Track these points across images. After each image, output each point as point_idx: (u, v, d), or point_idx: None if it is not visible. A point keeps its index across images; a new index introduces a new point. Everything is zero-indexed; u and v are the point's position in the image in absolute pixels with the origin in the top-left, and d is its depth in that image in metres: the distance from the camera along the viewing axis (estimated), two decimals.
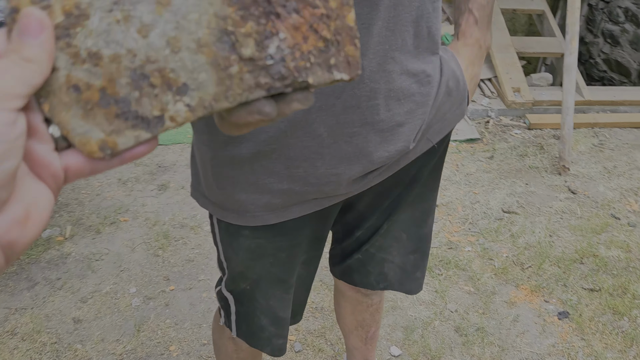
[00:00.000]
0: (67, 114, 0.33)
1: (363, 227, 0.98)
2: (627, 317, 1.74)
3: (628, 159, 2.66)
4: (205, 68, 0.33)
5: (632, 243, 2.07)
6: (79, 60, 0.33)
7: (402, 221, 0.97)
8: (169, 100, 0.33)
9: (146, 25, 0.33)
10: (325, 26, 0.34)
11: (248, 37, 0.33)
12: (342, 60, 0.35)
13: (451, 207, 2.35)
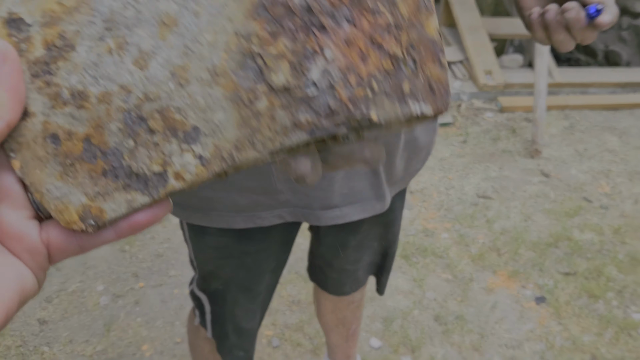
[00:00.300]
0: (42, 172, 0.26)
1: (333, 242, 0.95)
2: (602, 299, 1.75)
3: (598, 141, 2.68)
4: (222, 105, 0.26)
5: (604, 226, 2.09)
6: (59, 103, 0.26)
7: (374, 235, 0.95)
8: (173, 151, 0.26)
9: (145, 54, 0.26)
10: (394, 39, 0.25)
11: (280, 59, 0.25)
12: (421, 85, 0.25)
13: (426, 193, 2.33)
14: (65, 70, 0.26)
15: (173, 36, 0.26)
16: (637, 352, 1.56)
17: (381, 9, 0.25)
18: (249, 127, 0.26)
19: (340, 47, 0.25)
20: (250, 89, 0.25)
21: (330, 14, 0.25)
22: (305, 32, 0.25)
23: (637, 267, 1.87)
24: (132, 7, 0.26)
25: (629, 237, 2.02)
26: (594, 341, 1.61)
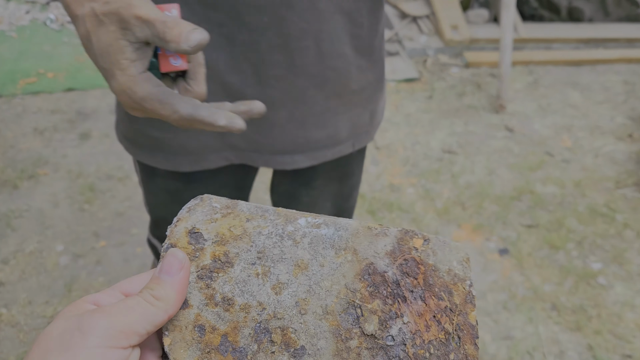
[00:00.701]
0: (185, 352, 0.33)
1: (285, 192, 0.92)
2: (563, 250, 1.79)
3: (561, 96, 2.70)
4: (326, 335, 0.33)
5: (566, 179, 2.12)
6: (212, 303, 0.34)
7: (328, 194, 0.93)
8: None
9: (281, 284, 0.34)
10: (448, 319, 0.34)
11: (373, 314, 0.34)
12: (461, 357, 0.34)
13: (392, 149, 2.32)
14: (222, 280, 0.34)
15: (303, 276, 0.35)
16: (595, 300, 1.62)
17: (443, 295, 0.34)
18: (341, 357, 0.33)
19: (414, 316, 0.34)
20: (348, 330, 0.34)
21: (410, 290, 0.34)
22: (392, 299, 0.34)
23: (596, 218, 1.92)
24: (279, 248, 0.35)
25: (589, 190, 2.06)
26: (554, 290, 1.65)
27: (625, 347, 1.48)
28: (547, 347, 1.49)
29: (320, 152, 0.79)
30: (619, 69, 2.96)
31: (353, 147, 0.83)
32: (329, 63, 0.69)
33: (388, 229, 0.37)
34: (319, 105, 0.74)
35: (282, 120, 0.73)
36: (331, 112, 0.76)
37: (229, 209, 0.36)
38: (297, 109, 0.73)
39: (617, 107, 2.60)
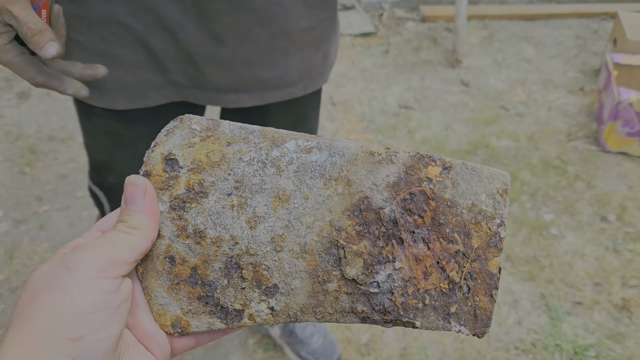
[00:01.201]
0: (155, 282, 0.33)
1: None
2: (517, 202, 1.81)
3: (516, 50, 2.70)
4: (302, 275, 0.31)
5: (520, 132, 2.14)
6: (183, 234, 0.32)
7: None
8: (253, 298, 0.32)
9: (257, 217, 0.32)
10: (457, 266, 0.30)
11: (358, 257, 0.31)
12: (467, 310, 0.30)
13: (348, 104, 2.27)
14: (195, 211, 0.32)
15: (283, 210, 0.31)
16: (547, 250, 1.65)
17: (456, 237, 0.30)
18: (316, 299, 0.31)
19: (410, 261, 0.30)
20: (326, 271, 0.31)
21: (410, 232, 0.30)
22: (385, 241, 0.30)
23: (549, 170, 1.95)
24: (260, 176, 0.32)
25: (542, 143, 2.08)
26: (508, 242, 1.67)
27: (576, 295, 1.52)
28: (501, 298, 1.51)
29: (269, 93, 0.75)
30: (571, 24, 2.98)
31: (305, 89, 0.79)
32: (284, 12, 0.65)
33: (396, 155, 0.32)
34: (266, 43, 0.69)
35: (225, 57, 0.69)
36: (280, 52, 0.71)
37: (209, 131, 0.33)
38: (241, 47, 0.68)
39: (569, 61, 2.62)
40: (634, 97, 1.89)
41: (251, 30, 0.66)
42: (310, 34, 0.73)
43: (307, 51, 0.74)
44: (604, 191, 1.86)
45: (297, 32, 0.71)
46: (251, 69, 0.71)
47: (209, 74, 0.70)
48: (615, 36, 2.35)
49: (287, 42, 0.71)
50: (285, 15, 0.67)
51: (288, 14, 0.68)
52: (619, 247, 1.66)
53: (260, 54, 0.70)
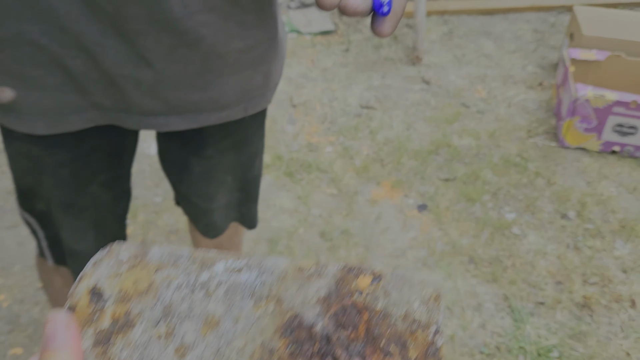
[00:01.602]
0: None
1: (174, 159, 0.84)
2: (479, 202, 1.81)
3: (475, 46, 2.70)
4: None
5: (481, 130, 2.14)
6: None
7: (225, 165, 0.85)
8: None
9: (186, 346, 0.30)
10: None
11: None
12: None
13: (309, 106, 2.24)
14: (121, 344, 0.30)
15: (212, 335, 0.30)
16: (509, 250, 1.65)
17: (392, 350, 0.28)
18: None
19: None
20: None
21: (345, 347, 0.28)
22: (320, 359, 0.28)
23: (510, 169, 1.95)
24: (188, 302, 0.30)
25: (503, 140, 2.09)
26: (471, 243, 1.67)
27: (538, 295, 1.53)
28: (465, 301, 1.51)
29: (202, 115, 0.72)
30: (529, 17, 3.00)
31: (245, 111, 0.76)
32: (199, 18, 0.60)
33: (325, 268, 0.31)
34: (196, 65, 0.65)
35: (151, 80, 0.64)
36: (213, 74, 0.67)
37: (137, 259, 0.32)
38: (168, 69, 0.64)
39: (528, 56, 2.64)
40: (591, 93, 1.90)
41: (177, 52, 0.62)
42: (248, 54, 0.69)
43: (245, 72, 0.71)
44: (563, 188, 1.87)
45: (231, 53, 0.67)
46: (180, 91, 0.67)
47: (134, 97, 0.65)
48: (571, 31, 2.37)
49: (220, 64, 0.67)
50: (215, 36, 0.63)
51: (219, 35, 0.63)
52: (579, 244, 1.68)
53: (189, 76, 0.66)
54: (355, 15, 0.35)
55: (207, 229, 0.95)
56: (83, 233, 0.80)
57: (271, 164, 1.93)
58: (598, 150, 2.02)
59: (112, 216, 0.85)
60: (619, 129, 1.94)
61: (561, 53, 2.46)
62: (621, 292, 1.54)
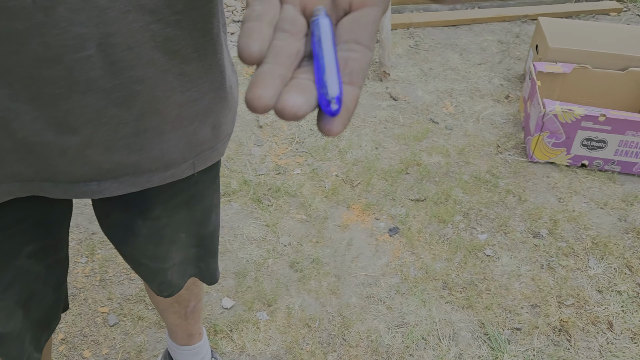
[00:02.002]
0: None
1: (116, 224, 0.76)
2: (451, 223, 1.78)
3: (442, 59, 2.68)
4: None
5: (450, 147, 2.11)
6: None
7: (177, 223, 0.77)
8: None
9: None
10: None
11: None
12: None
13: (276, 126, 2.17)
14: None
15: None
16: (483, 273, 1.61)
17: None
18: None
19: None
20: None
21: None
22: None
23: (480, 187, 1.92)
24: None
25: (472, 157, 2.06)
26: (444, 267, 1.63)
27: (515, 320, 1.49)
28: (441, 330, 1.46)
29: (142, 177, 0.64)
30: (494, 28, 3.00)
31: (194, 167, 0.68)
32: (130, 74, 0.53)
33: None
34: (129, 126, 0.57)
35: (77, 146, 0.56)
36: (151, 133, 0.60)
37: None
38: (96, 133, 0.56)
39: (493, 68, 2.63)
40: (559, 108, 1.89)
41: (105, 113, 0.54)
42: (192, 107, 0.62)
43: (190, 126, 0.63)
44: (535, 205, 1.85)
45: (171, 108, 0.59)
46: (113, 155, 0.59)
47: (59, 165, 0.58)
48: (537, 42, 2.36)
49: (158, 121, 0.59)
50: (150, 92, 0.55)
51: (155, 90, 0.56)
52: (553, 264, 1.65)
53: (123, 138, 0.58)
54: (295, 119, 0.30)
55: (161, 288, 0.87)
56: (7, 312, 0.72)
57: (238, 190, 1.86)
58: (567, 164, 2.00)
59: (45, 288, 0.76)
60: (587, 143, 1.93)
61: (527, 66, 2.45)
62: (598, 313, 1.52)
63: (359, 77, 0.32)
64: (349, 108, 0.31)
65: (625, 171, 1.97)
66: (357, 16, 0.34)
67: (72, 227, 1.71)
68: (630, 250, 1.69)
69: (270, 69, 0.30)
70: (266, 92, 0.29)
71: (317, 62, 0.31)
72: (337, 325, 1.46)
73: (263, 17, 0.32)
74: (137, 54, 0.52)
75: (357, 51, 0.32)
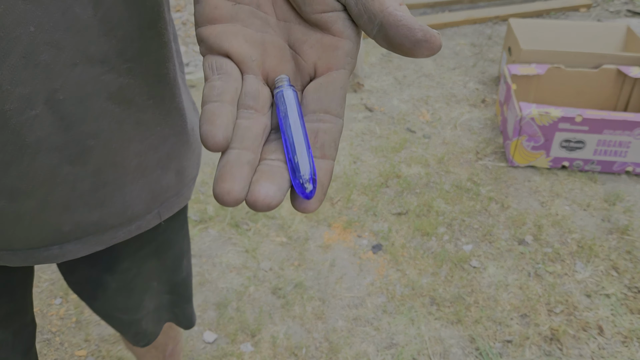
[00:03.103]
0: None
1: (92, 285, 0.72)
2: (434, 236, 1.74)
3: (415, 66, 2.66)
4: None
5: (429, 156, 2.08)
6: None
7: (147, 273, 0.73)
8: None
9: None
10: None
11: None
12: None
13: None
14: None
15: None
16: (471, 286, 1.58)
17: None
18: None
19: None
20: None
21: None
22: None
23: (462, 195, 1.90)
24: None
25: (452, 165, 2.04)
26: (431, 282, 1.60)
27: (505, 332, 1.46)
28: (431, 348, 1.43)
29: (106, 234, 0.60)
30: (466, 31, 2.99)
31: (160, 217, 0.64)
32: (82, 129, 0.49)
33: None
34: (87, 182, 0.53)
35: (31, 210, 0.52)
36: (111, 186, 0.56)
37: None
38: (52, 194, 0.52)
39: (468, 72, 2.61)
40: (535, 111, 1.87)
41: (60, 172, 0.50)
42: (152, 155, 0.58)
43: (152, 175, 0.59)
44: (518, 211, 1.83)
45: (130, 158, 0.55)
46: (73, 214, 0.55)
47: (15, 232, 0.53)
48: (509, 44, 2.35)
49: (118, 174, 0.55)
50: (106, 145, 0.52)
51: (111, 143, 0.52)
52: (539, 271, 1.62)
53: (81, 196, 0.54)
54: (269, 210, 0.27)
55: (137, 338, 0.83)
56: None
57: (215, 216, 1.81)
58: (548, 167, 1.99)
59: (14, 355, 0.71)
60: (566, 145, 1.92)
61: (501, 69, 2.44)
62: (587, 318, 1.49)
63: (331, 149, 0.30)
64: (323, 184, 0.29)
65: (606, 170, 1.96)
66: (324, 82, 0.32)
67: (44, 267, 1.64)
68: (616, 252, 1.67)
69: (237, 157, 0.28)
70: (235, 185, 0.27)
71: (286, 140, 0.29)
72: (324, 351, 1.41)
73: (224, 95, 0.30)
74: (89, 107, 0.48)
75: (326, 121, 0.31)
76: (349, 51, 0.32)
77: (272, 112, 0.32)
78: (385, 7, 0.29)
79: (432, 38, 0.28)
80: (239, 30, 0.33)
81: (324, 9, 0.31)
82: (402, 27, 0.28)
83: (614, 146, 1.89)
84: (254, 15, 0.33)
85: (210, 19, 0.33)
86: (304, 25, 0.33)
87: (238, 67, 0.32)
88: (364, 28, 0.31)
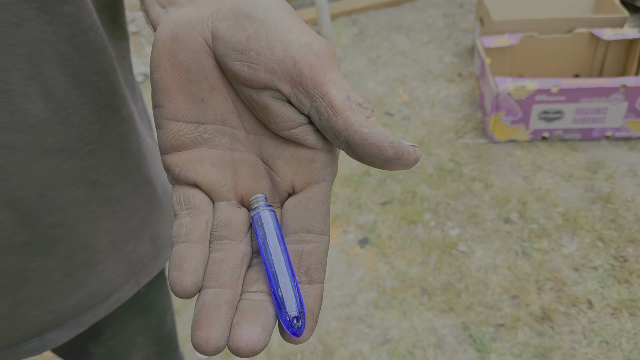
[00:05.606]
0: None
1: (77, 354, 0.71)
2: (420, 223, 1.74)
3: (388, 43, 2.62)
4: None
5: (409, 139, 2.06)
6: None
7: (132, 333, 0.72)
8: None
9: None
10: None
11: None
12: None
13: None
14: None
15: None
16: (460, 272, 1.59)
17: None
18: None
19: None
20: None
21: None
22: None
23: (445, 178, 1.89)
24: None
25: (433, 147, 2.02)
26: (420, 272, 1.60)
27: (497, 316, 1.47)
28: (425, 339, 1.44)
29: (87, 315, 0.58)
30: (437, 1, 2.94)
31: (138, 284, 0.63)
32: (47, 221, 0.48)
33: None
34: (58, 270, 0.52)
35: (6, 309, 0.51)
36: (84, 268, 0.54)
37: None
38: (24, 290, 0.51)
39: (442, 45, 2.57)
40: (511, 86, 1.85)
41: (28, 267, 0.49)
42: (124, 228, 0.56)
43: (125, 248, 0.58)
44: (502, 189, 1.82)
45: (101, 237, 0.54)
46: (49, 304, 0.54)
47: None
48: (481, 15, 2.31)
49: (90, 255, 0.54)
50: (74, 230, 0.50)
51: (79, 227, 0.51)
52: (527, 249, 1.63)
53: (55, 284, 0.53)
54: (254, 355, 0.25)
55: None
56: None
57: None
58: (528, 139, 1.98)
59: None
60: (545, 116, 1.91)
61: (474, 41, 2.40)
62: (576, 293, 1.51)
63: (318, 272, 0.28)
64: (313, 312, 0.27)
65: (586, 137, 1.95)
66: (303, 199, 0.29)
67: None
68: (600, 222, 1.68)
69: (213, 297, 0.26)
70: (213, 332, 0.25)
71: (267, 270, 0.27)
72: (319, 355, 1.42)
73: (192, 233, 0.28)
74: (52, 198, 0.46)
75: (310, 241, 0.28)
76: (326, 162, 0.30)
77: (251, 235, 0.30)
78: (350, 124, 0.27)
79: (405, 155, 0.26)
80: (205, 156, 0.31)
81: (290, 125, 0.29)
82: (369, 145, 0.26)
83: (591, 113, 1.88)
84: (220, 132, 0.31)
85: (174, 146, 0.31)
86: (274, 139, 0.30)
87: (208, 195, 0.30)
88: (332, 142, 0.28)
